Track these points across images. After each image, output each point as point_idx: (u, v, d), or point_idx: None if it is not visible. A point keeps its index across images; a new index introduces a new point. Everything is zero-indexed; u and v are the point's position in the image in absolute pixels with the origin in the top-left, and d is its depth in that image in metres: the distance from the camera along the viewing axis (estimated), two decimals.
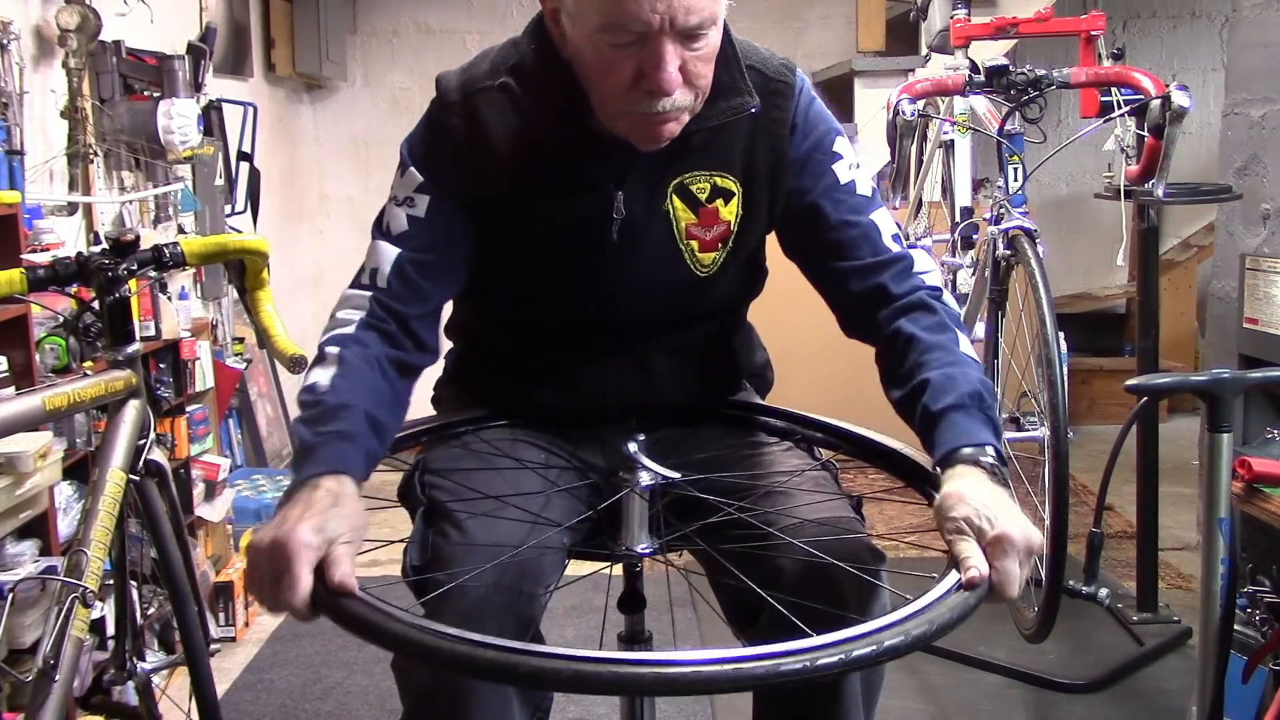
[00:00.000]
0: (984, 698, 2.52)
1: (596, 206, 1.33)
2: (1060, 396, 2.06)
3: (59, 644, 1.36)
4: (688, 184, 1.34)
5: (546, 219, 1.35)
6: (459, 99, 1.34)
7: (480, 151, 1.33)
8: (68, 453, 2.24)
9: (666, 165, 1.33)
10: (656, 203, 1.34)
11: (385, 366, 1.28)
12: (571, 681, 0.91)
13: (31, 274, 1.59)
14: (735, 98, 1.31)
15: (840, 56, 4.83)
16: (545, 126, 1.31)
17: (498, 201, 1.34)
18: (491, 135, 1.33)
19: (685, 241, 1.36)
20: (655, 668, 0.91)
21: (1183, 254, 5.39)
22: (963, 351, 1.27)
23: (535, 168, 1.33)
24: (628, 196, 1.33)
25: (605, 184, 1.32)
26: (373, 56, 5.08)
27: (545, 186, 1.33)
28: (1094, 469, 4.07)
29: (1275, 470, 2.01)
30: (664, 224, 1.35)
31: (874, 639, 0.95)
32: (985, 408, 1.20)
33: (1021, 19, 2.69)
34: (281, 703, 2.60)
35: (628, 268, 1.36)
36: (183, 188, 3.33)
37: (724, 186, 1.35)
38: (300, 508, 1.08)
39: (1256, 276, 2.78)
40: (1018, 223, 2.26)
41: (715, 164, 1.35)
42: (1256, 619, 2.14)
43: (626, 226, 1.34)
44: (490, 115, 1.33)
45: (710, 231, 1.36)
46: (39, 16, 2.72)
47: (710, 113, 1.30)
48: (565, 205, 1.34)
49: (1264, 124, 3.01)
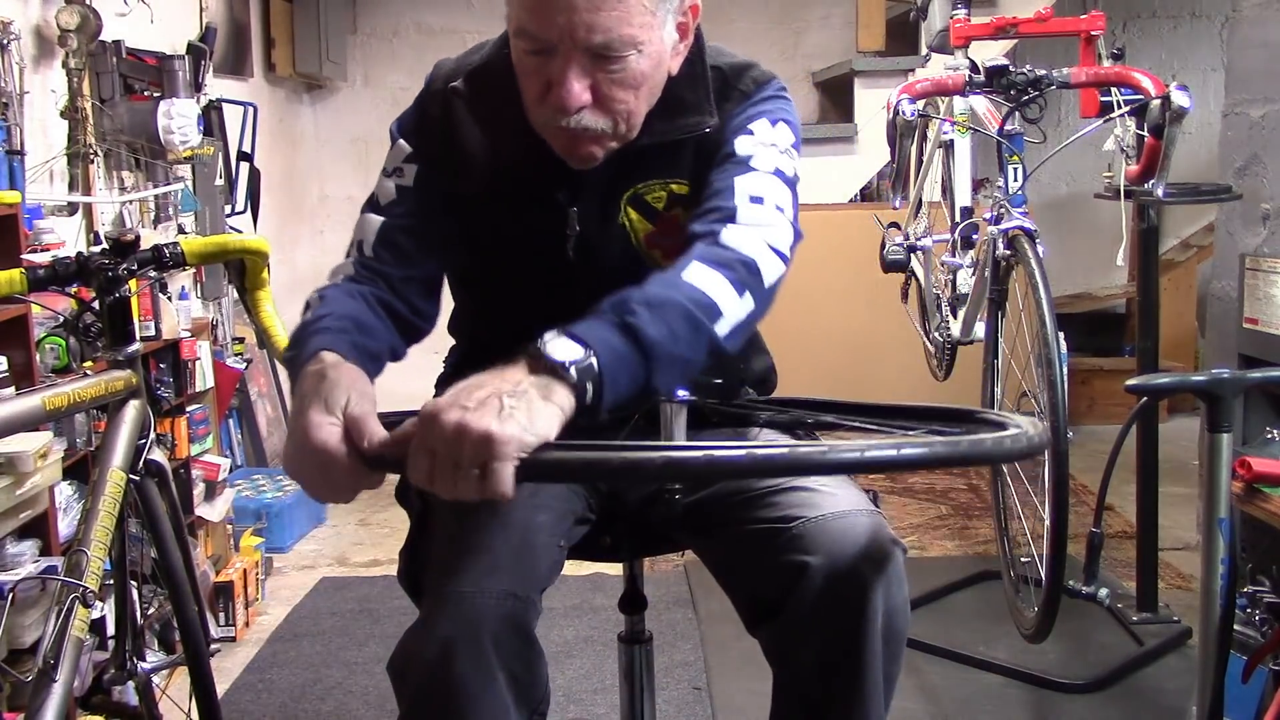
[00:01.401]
0: (984, 698, 2.52)
1: (552, 223, 1.33)
2: (1060, 396, 2.06)
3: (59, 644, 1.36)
4: (642, 194, 1.33)
5: (509, 228, 1.35)
6: (440, 89, 1.36)
7: (454, 146, 1.35)
8: (68, 453, 2.24)
9: (618, 177, 1.32)
10: (610, 215, 1.33)
11: (370, 302, 1.29)
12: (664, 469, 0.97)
13: (31, 274, 1.60)
14: (694, 116, 1.31)
15: (840, 56, 4.83)
16: (500, 135, 1.32)
17: (469, 198, 1.35)
18: (463, 132, 1.35)
19: (648, 251, 1.35)
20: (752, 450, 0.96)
21: (1183, 254, 5.39)
22: (682, 275, 1.15)
23: (498, 173, 1.34)
24: (582, 213, 1.32)
25: (558, 200, 1.32)
26: (373, 56, 5.08)
27: (507, 194, 1.34)
28: (1094, 469, 4.07)
29: (1275, 470, 2.01)
30: (621, 237, 1.34)
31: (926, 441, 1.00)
32: (623, 309, 1.07)
33: (1021, 19, 2.69)
34: (281, 703, 2.60)
35: (590, 282, 1.27)
36: (183, 188, 3.33)
37: (680, 193, 1.34)
38: (300, 402, 1.09)
39: (1256, 276, 2.78)
40: (1018, 223, 2.26)
41: (667, 171, 1.34)
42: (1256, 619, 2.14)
43: (582, 243, 1.34)
44: (462, 113, 1.35)
45: (673, 239, 1.30)
46: (39, 16, 2.72)
47: (668, 128, 1.30)
48: (524, 219, 1.34)
49: (1264, 124, 3.01)
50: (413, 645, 1.20)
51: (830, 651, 1.22)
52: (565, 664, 2.70)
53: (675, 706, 2.51)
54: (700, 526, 1.37)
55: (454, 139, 1.35)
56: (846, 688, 1.23)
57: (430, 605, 1.20)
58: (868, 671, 1.22)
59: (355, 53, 5.05)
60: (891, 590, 1.22)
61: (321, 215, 5.06)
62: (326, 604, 3.16)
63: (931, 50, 3.25)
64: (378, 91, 5.07)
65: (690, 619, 2.96)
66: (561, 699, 2.52)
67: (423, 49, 5.02)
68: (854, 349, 4.32)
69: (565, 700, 2.53)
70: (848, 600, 1.20)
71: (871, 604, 1.20)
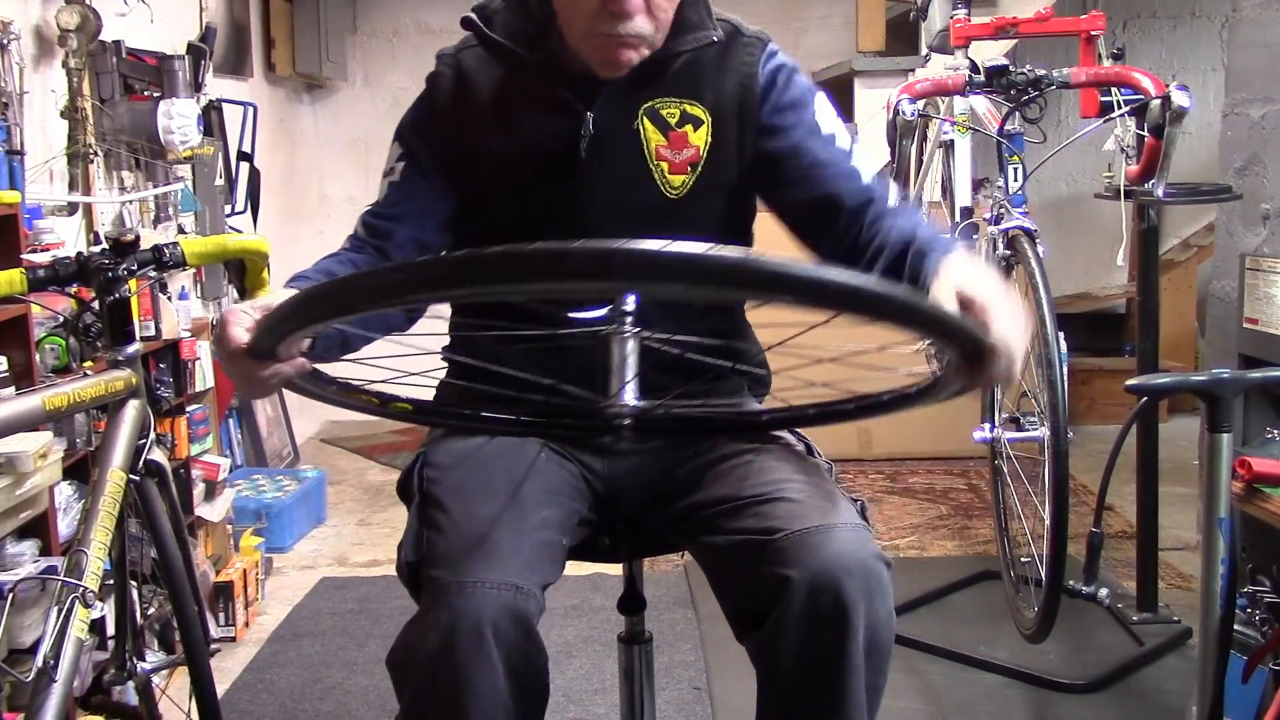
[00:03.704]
0: (984, 698, 2.52)
1: (566, 127, 1.41)
2: (1060, 396, 2.06)
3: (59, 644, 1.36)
4: (658, 108, 1.43)
5: (520, 142, 1.43)
6: (451, 52, 1.47)
7: (463, 97, 1.44)
8: (68, 453, 2.24)
9: (638, 90, 1.41)
10: (626, 122, 1.42)
11: (354, 257, 1.43)
12: None
13: (31, 274, 1.59)
14: (700, 30, 1.41)
15: (840, 56, 4.84)
16: (516, 57, 1.41)
17: (475, 143, 1.43)
18: (474, 81, 1.44)
19: (655, 163, 1.43)
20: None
21: (1183, 254, 5.39)
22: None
23: (509, 102, 1.43)
24: (597, 118, 1.41)
25: (574, 105, 1.40)
26: (373, 56, 5.08)
27: (519, 113, 1.43)
28: (1094, 469, 4.07)
29: (1275, 470, 2.01)
30: (634, 144, 1.42)
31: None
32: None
33: (1021, 19, 2.69)
34: (281, 703, 2.60)
35: (598, 187, 1.42)
36: (183, 188, 3.33)
37: (693, 113, 1.43)
38: None
39: (1256, 276, 2.78)
40: (1018, 223, 2.26)
41: (684, 92, 1.43)
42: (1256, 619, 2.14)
43: (595, 144, 1.41)
44: (476, 67, 1.45)
45: (680, 155, 1.42)
46: (39, 16, 2.72)
47: (677, 44, 1.40)
48: (536, 127, 1.42)
49: (1264, 124, 3.01)
50: (413, 637, 1.20)
51: (812, 664, 1.22)
52: (565, 664, 2.70)
53: (675, 706, 2.51)
54: (690, 532, 1.37)
55: (466, 88, 1.44)
56: (828, 700, 1.23)
57: (431, 596, 1.20)
58: (849, 684, 1.22)
59: (355, 52, 5.06)
60: (874, 604, 1.22)
61: (321, 215, 5.06)
62: (326, 604, 3.16)
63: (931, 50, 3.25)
64: (378, 91, 5.07)
65: (690, 619, 2.96)
66: (561, 699, 2.52)
67: (423, 49, 5.02)
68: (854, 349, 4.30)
69: (565, 700, 2.53)
70: (829, 615, 1.20)
71: (853, 618, 1.20)
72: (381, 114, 5.04)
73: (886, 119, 2.32)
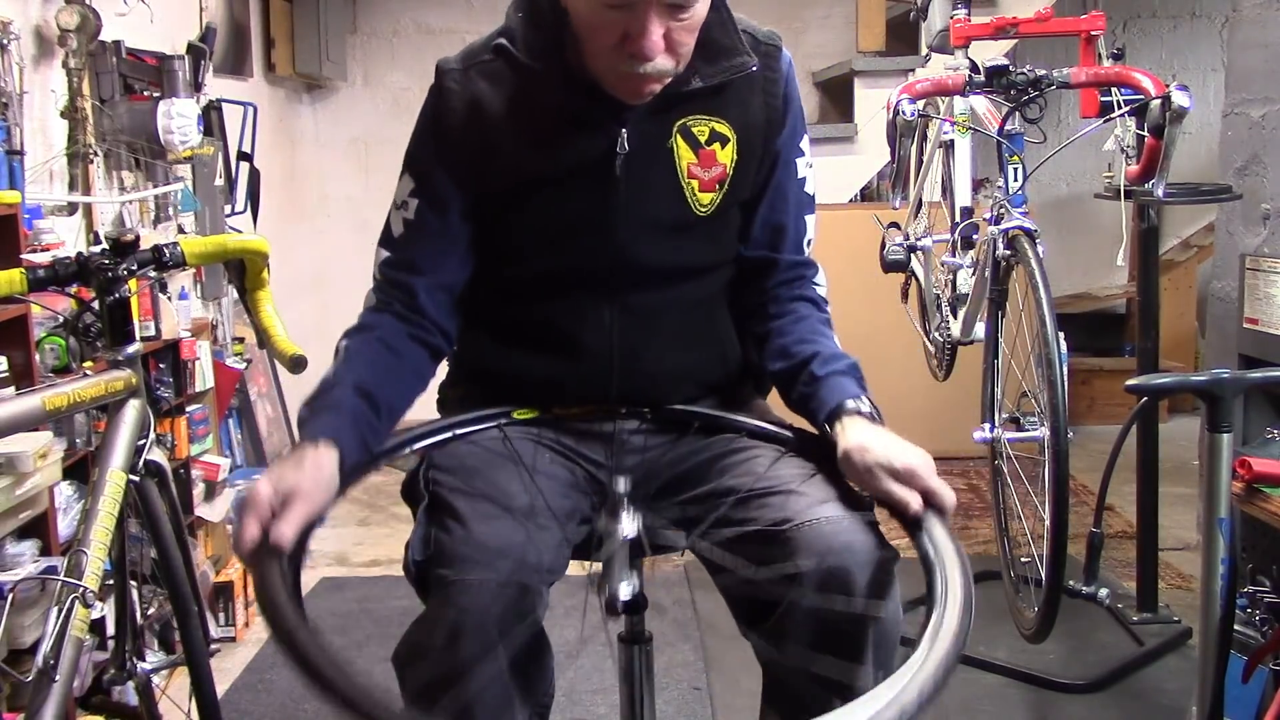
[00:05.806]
0: (984, 698, 2.52)
1: (601, 144, 1.39)
2: (1060, 396, 2.06)
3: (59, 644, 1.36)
4: (689, 126, 1.42)
5: (551, 162, 1.40)
6: (459, 66, 1.43)
7: (480, 114, 1.40)
8: (68, 453, 2.24)
9: (670, 108, 1.40)
10: (660, 140, 1.40)
11: (390, 340, 1.38)
12: None
13: (31, 274, 1.59)
14: (736, 58, 1.40)
15: (840, 56, 4.83)
16: (545, 78, 1.38)
17: (500, 159, 1.40)
18: (490, 98, 1.40)
19: (687, 180, 1.42)
20: None
21: (1183, 254, 5.39)
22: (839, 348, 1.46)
23: (536, 118, 1.40)
24: (631, 134, 1.39)
25: (608, 123, 1.38)
26: (373, 56, 5.08)
27: (548, 131, 1.40)
28: (1094, 469, 4.07)
29: (1275, 470, 2.01)
30: (667, 161, 1.41)
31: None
32: (860, 378, 1.39)
33: (1021, 19, 2.69)
34: (281, 703, 2.60)
35: (632, 204, 1.41)
36: (183, 188, 3.33)
37: (721, 132, 1.43)
38: (276, 476, 1.19)
39: (1256, 276, 2.78)
40: (1018, 223, 2.26)
41: (713, 109, 1.42)
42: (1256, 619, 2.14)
43: (629, 162, 1.39)
44: (488, 83, 1.41)
45: (709, 172, 1.43)
46: (39, 16, 2.72)
47: (714, 71, 1.39)
48: (569, 146, 1.40)
49: (1264, 124, 3.01)
50: (419, 634, 1.21)
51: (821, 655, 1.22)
52: (565, 664, 2.70)
53: (675, 706, 2.51)
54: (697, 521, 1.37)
55: (481, 104, 1.40)
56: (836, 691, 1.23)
57: (437, 594, 1.20)
58: (857, 677, 1.22)
59: (355, 52, 5.05)
60: (883, 595, 1.23)
61: (321, 215, 5.05)
62: (326, 604, 3.15)
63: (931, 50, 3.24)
64: (377, 91, 5.07)
65: (690, 619, 2.97)
66: (562, 699, 2.52)
67: (423, 49, 5.02)
68: (853, 349, 4.28)
69: (565, 700, 2.53)
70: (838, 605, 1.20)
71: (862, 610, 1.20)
72: (381, 114, 5.04)
73: (886, 119, 2.32)
